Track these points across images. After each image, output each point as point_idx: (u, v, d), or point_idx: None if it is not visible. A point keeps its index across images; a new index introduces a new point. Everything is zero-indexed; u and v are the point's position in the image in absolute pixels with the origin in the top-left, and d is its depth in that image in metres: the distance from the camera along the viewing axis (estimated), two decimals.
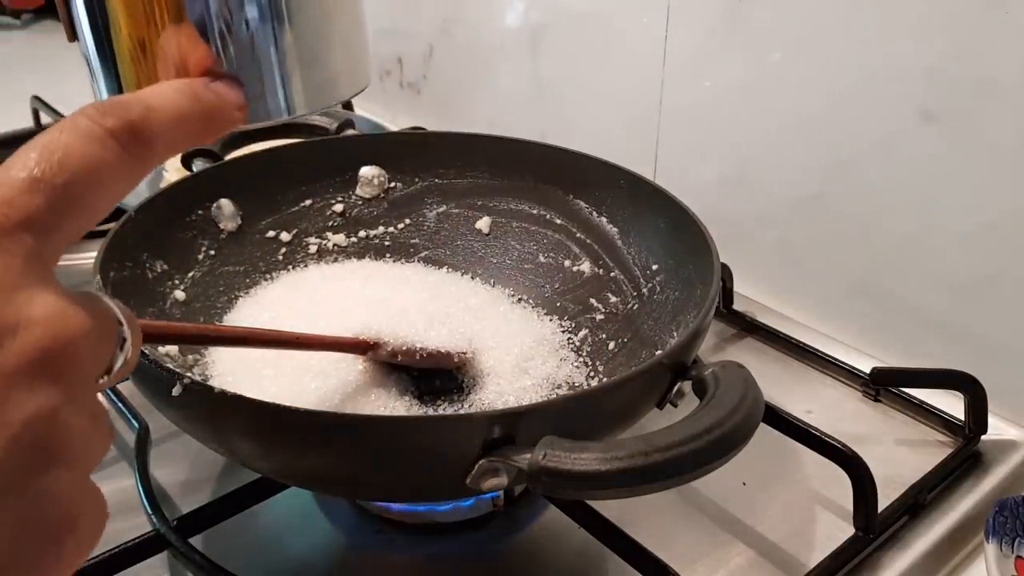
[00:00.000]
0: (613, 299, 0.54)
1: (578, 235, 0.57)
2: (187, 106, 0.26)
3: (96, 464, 0.22)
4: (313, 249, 0.58)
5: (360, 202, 0.60)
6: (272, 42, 0.32)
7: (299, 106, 0.34)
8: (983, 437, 0.53)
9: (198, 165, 0.70)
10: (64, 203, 0.21)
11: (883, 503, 0.46)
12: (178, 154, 0.27)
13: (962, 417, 0.53)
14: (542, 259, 0.58)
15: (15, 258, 0.20)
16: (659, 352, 0.47)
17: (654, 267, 0.52)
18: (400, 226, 0.60)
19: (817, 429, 0.47)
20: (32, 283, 0.20)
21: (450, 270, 0.59)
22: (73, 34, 0.32)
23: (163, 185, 0.53)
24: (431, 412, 0.46)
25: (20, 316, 0.20)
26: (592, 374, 0.51)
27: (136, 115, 0.24)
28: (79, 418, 0.21)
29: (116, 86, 0.32)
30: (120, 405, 0.52)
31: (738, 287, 0.66)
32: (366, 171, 0.60)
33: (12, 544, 0.19)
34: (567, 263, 0.57)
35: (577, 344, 0.53)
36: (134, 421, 0.50)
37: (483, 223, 0.60)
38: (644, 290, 0.53)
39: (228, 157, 0.60)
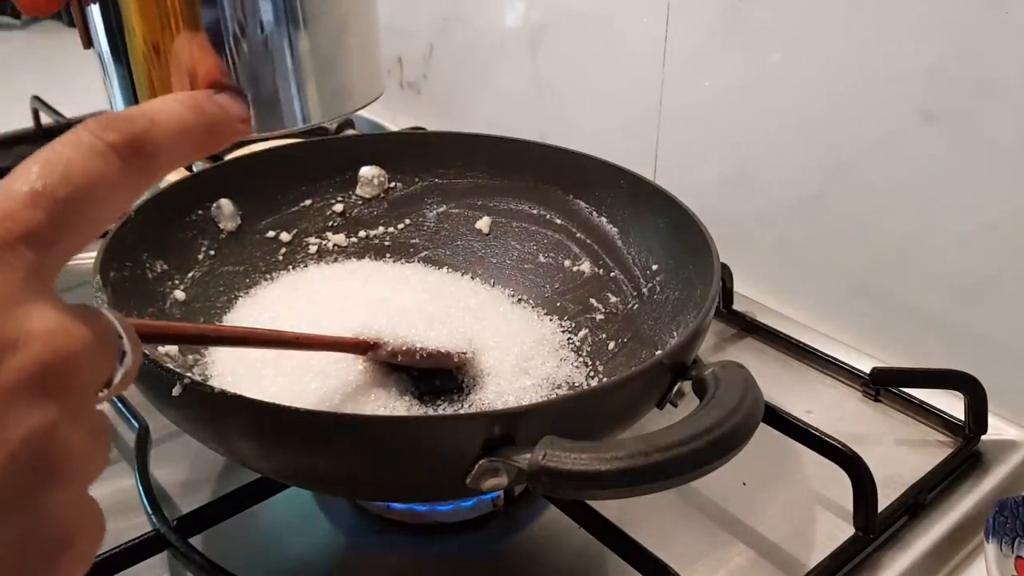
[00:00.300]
0: (613, 299, 0.54)
1: (578, 235, 0.57)
2: (190, 119, 0.26)
3: (95, 479, 0.22)
4: (313, 249, 0.58)
5: (360, 202, 0.60)
6: (288, 49, 0.32)
7: (314, 115, 0.33)
8: (983, 437, 0.53)
9: (198, 165, 0.70)
10: (65, 217, 0.21)
11: (883, 503, 0.46)
12: (183, 166, 0.26)
13: (962, 417, 0.53)
14: (542, 259, 0.58)
15: (16, 272, 0.20)
16: (659, 352, 0.47)
17: (654, 267, 0.52)
18: (400, 226, 0.60)
19: (817, 429, 0.47)
20: (32, 298, 0.20)
21: (450, 270, 0.59)
22: (88, 41, 0.32)
23: (163, 185, 0.53)
24: (431, 412, 0.46)
25: (20, 331, 0.19)
26: (592, 374, 0.51)
27: (139, 128, 0.24)
28: (78, 433, 0.20)
29: (130, 88, 0.32)
30: (120, 405, 0.52)
31: (738, 287, 0.66)
32: (366, 171, 0.60)
33: (10, 562, 0.19)
34: (567, 263, 0.57)
35: (577, 344, 0.53)
36: (134, 421, 0.50)
37: (483, 223, 0.60)
38: (644, 290, 0.52)
39: (228, 157, 0.60)
